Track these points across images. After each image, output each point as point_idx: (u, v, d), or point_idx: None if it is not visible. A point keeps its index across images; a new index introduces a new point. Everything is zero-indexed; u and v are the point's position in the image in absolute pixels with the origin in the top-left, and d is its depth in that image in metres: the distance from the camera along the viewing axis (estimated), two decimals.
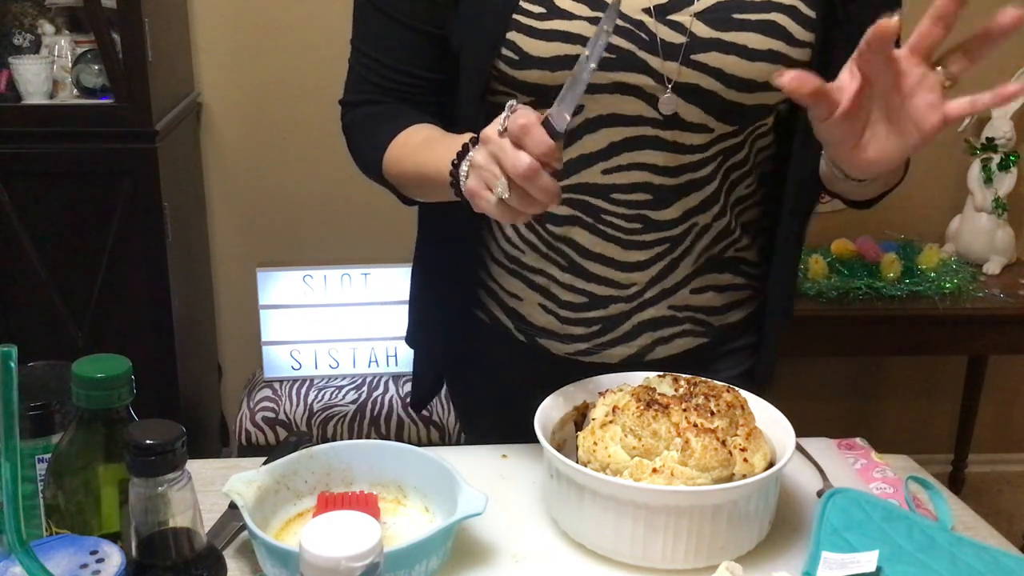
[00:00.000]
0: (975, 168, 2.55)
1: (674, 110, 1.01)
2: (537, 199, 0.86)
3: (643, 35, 0.98)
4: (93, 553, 0.66)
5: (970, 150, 2.58)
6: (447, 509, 0.92)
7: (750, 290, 1.19)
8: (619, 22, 0.98)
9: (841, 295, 2.33)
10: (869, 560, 0.87)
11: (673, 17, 0.99)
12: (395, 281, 2.47)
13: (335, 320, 2.49)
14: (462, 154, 0.93)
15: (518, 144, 0.85)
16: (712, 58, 0.99)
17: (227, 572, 0.72)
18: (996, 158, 2.52)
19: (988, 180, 2.53)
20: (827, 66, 1.00)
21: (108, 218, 2.17)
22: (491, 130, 0.88)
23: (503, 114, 0.87)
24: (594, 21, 0.97)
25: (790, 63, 1.00)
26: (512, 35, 0.99)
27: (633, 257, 1.10)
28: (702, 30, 0.99)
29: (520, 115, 0.85)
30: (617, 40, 0.98)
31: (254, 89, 2.54)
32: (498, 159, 0.87)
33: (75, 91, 2.25)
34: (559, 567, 0.92)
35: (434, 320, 1.26)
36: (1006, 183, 2.53)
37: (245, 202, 2.63)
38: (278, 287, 2.46)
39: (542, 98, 1.00)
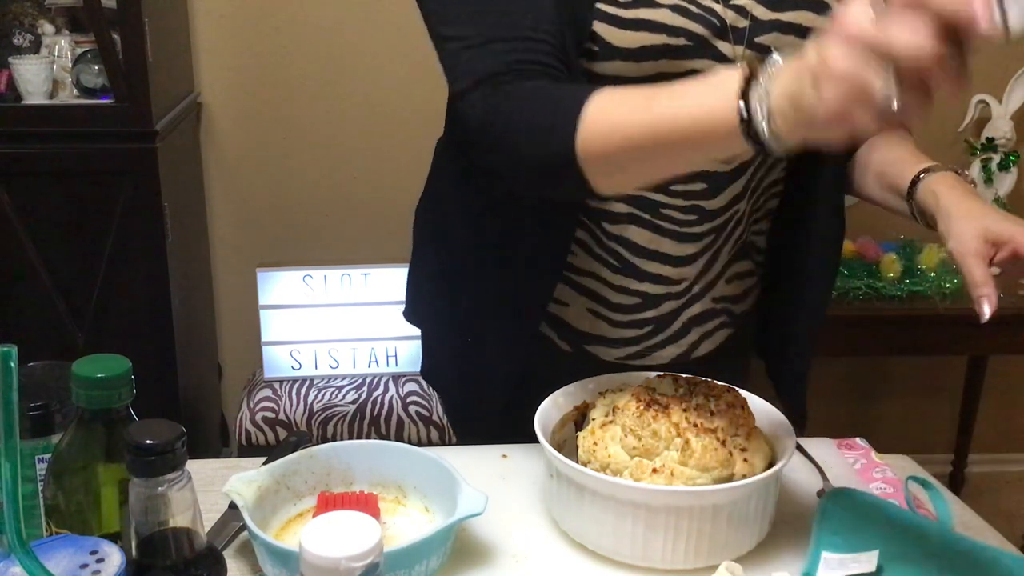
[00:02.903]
0: (975, 168, 2.55)
1: None
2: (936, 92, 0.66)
3: (715, 21, 0.98)
4: (93, 553, 0.66)
5: (970, 150, 2.58)
6: (447, 509, 0.92)
7: (756, 276, 1.20)
8: (692, 8, 0.97)
9: (841, 295, 2.33)
10: (869, 560, 0.87)
11: (735, 1, 0.99)
12: (395, 281, 2.47)
13: (335, 320, 2.48)
14: (747, 87, 0.74)
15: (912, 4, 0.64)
16: (772, 39, 1.00)
17: (227, 572, 0.72)
18: (996, 158, 2.52)
19: (988, 180, 2.52)
20: None
21: (108, 218, 2.16)
22: (856, 22, 0.67)
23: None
24: (675, 9, 0.96)
25: None
26: (597, 25, 0.95)
27: (686, 251, 1.08)
28: (762, 12, 1.00)
29: None
30: (695, 27, 0.97)
31: (254, 89, 2.54)
32: (878, 46, 0.65)
33: (75, 91, 2.25)
34: (559, 567, 0.92)
35: (486, 346, 1.15)
36: (1006, 183, 2.53)
37: (245, 202, 2.63)
38: (278, 287, 2.46)
39: None
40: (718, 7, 0.99)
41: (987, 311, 0.91)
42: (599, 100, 0.86)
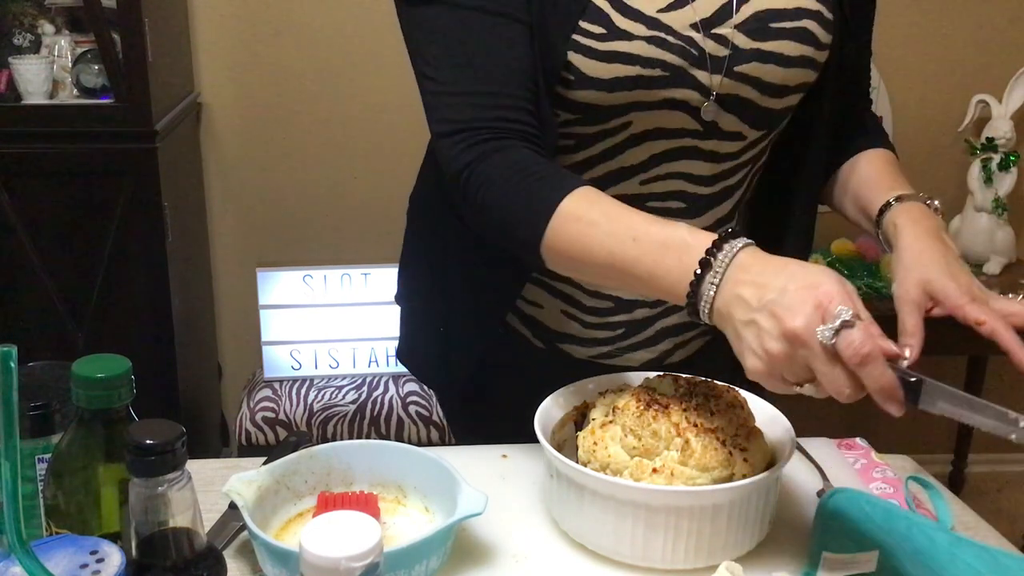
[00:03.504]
0: (975, 168, 2.55)
1: (713, 118, 1.01)
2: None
3: (693, 51, 0.99)
4: (93, 553, 0.66)
5: (970, 150, 2.58)
6: (447, 509, 0.92)
7: None
8: (670, 39, 0.98)
9: None
10: (869, 560, 0.87)
11: (717, 31, 0.99)
12: (395, 281, 2.46)
13: (335, 320, 2.49)
14: (701, 275, 0.82)
15: (850, 367, 0.75)
16: (752, 68, 1.00)
17: (227, 572, 0.72)
18: (996, 158, 2.52)
19: (988, 180, 2.52)
20: (840, 61, 1.04)
21: (108, 218, 2.17)
22: (806, 331, 0.75)
23: (836, 320, 0.75)
24: (651, 40, 0.97)
25: (815, 66, 1.03)
26: (572, 56, 0.97)
27: None
28: (743, 41, 1.00)
29: (860, 338, 0.74)
30: (672, 58, 0.98)
31: (254, 89, 2.54)
32: (812, 368, 0.76)
33: (75, 91, 2.25)
34: (559, 567, 0.92)
35: (448, 330, 1.21)
36: (1006, 183, 2.53)
37: (245, 202, 2.63)
38: (278, 287, 2.46)
39: (589, 115, 1.00)
40: (698, 36, 0.99)
41: (905, 363, 0.90)
42: (572, 204, 0.91)
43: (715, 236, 0.83)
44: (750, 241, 0.83)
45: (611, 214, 0.90)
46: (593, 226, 0.89)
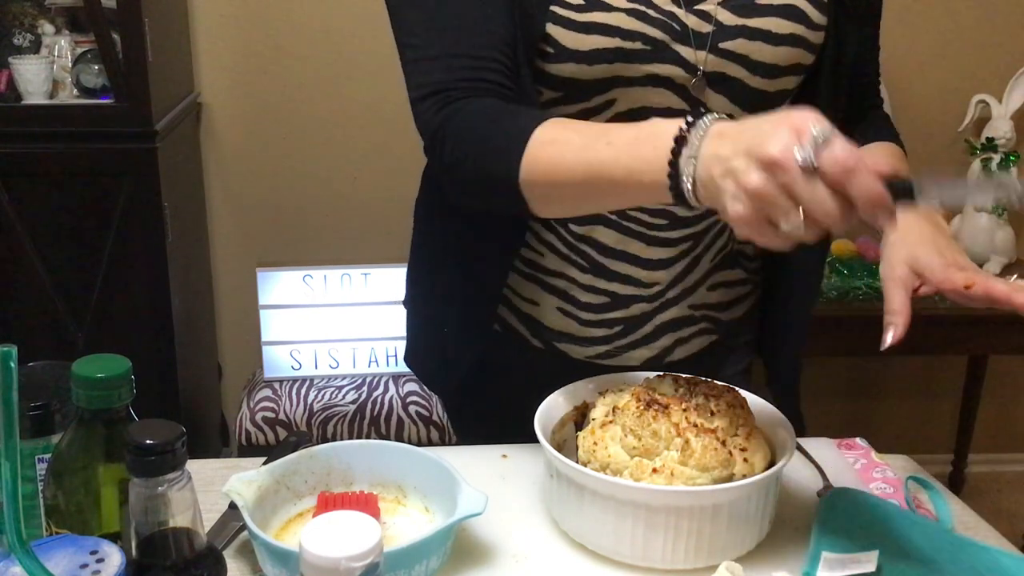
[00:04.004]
0: (975, 168, 2.55)
1: (701, 97, 1.01)
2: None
3: (675, 26, 0.98)
4: (93, 553, 0.66)
5: (970, 150, 2.58)
6: (447, 509, 0.92)
7: (750, 284, 1.20)
8: (651, 12, 0.98)
9: (841, 295, 2.33)
10: (869, 560, 0.87)
11: (699, 7, 0.99)
12: (395, 281, 2.47)
13: (335, 320, 2.49)
14: (678, 148, 0.79)
15: (835, 184, 0.71)
16: (739, 45, 1.00)
17: (227, 572, 0.72)
18: (996, 158, 2.52)
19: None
20: (839, 45, 1.03)
21: (108, 218, 2.16)
22: (783, 155, 0.71)
23: (808, 138, 0.71)
24: (631, 12, 0.97)
25: (808, 46, 1.02)
26: (551, 28, 0.97)
27: (657, 254, 1.09)
28: (727, 17, 1.00)
29: (841, 150, 0.71)
30: (653, 32, 0.97)
31: (254, 89, 2.54)
32: (795, 195, 0.71)
33: (75, 91, 2.25)
34: (559, 567, 0.92)
35: (447, 331, 1.21)
36: None
37: (245, 202, 2.63)
38: (278, 287, 2.46)
39: (571, 92, 0.99)
40: (680, 12, 0.99)
41: (889, 340, 0.91)
42: (545, 131, 0.89)
43: (686, 118, 0.80)
44: (723, 115, 0.79)
45: (584, 130, 0.89)
46: (567, 144, 0.88)
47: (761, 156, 0.72)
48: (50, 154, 2.15)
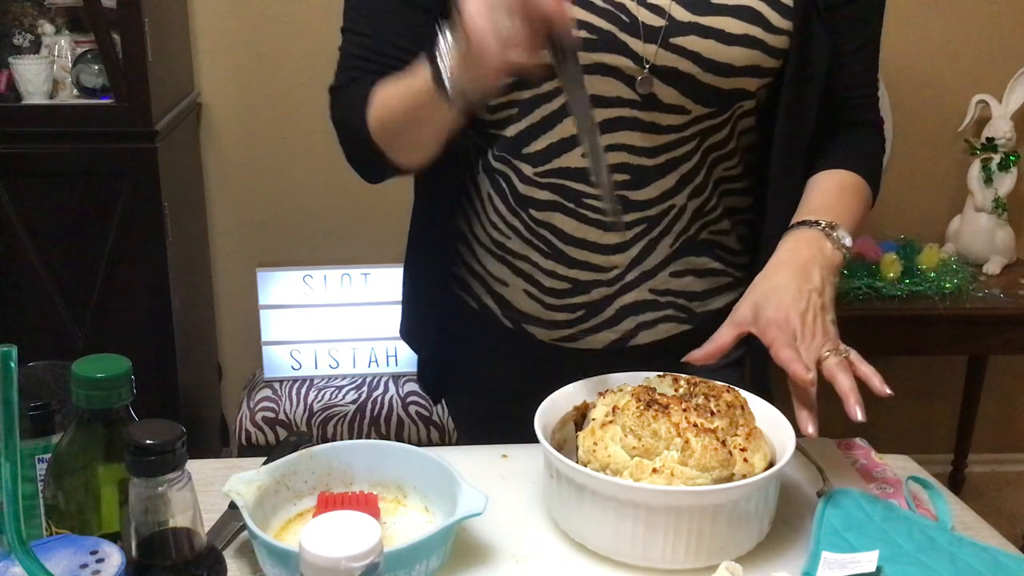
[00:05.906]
0: (975, 168, 2.55)
1: (650, 90, 1.02)
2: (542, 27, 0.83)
3: (624, 17, 1.00)
4: (93, 553, 0.66)
5: (970, 150, 2.58)
6: (447, 509, 0.92)
7: (730, 277, 1.20)
8: (598, 3, 1.00)
9: (841, 295, 2.31)
10: (869, 560, 0.87)
11: (653, 1, 1.01)
12: (395, 281, 2.45)
13: (335, 320, 2.49)
14: (434, 41, 0.90)
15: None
16: (690, 41, 1.01)
17: (227, 572, 0.72)
18: (996, 158, 2.52)
19: (988, 180, 2.52)
20: (806, 55, 1.03)
21: (108, 218, 2.17)
22: None
23: None
24: (578, 2, 0.99)
25: (768, 49, 1.03)
26: None
27: (612, 239, 1.11)
28: (681, 14, 1.01)
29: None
30: (599, 21, 0.99)
31: (254, 89, 2.54)
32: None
33: (75, 91, 2.25)
34: (559, 567, 0.92)
35: (422, 306, 1.27)
36: (1006, 183, 2.53)
37: (245, 202, 2.63)
38: (278, 287, 2.46)
39: (521, 78, 1.00)
40: (631, 4, 1.00)
41: (695, 362, 1.00)
42: (380, 86, 1.03)
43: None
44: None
45: (396, 82, 1.01)
46: (387, 92, 1.02)
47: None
48: (50, 154, 2.15)
